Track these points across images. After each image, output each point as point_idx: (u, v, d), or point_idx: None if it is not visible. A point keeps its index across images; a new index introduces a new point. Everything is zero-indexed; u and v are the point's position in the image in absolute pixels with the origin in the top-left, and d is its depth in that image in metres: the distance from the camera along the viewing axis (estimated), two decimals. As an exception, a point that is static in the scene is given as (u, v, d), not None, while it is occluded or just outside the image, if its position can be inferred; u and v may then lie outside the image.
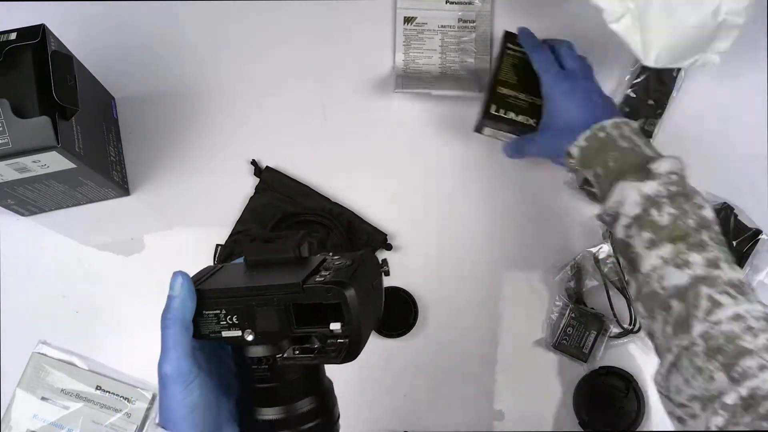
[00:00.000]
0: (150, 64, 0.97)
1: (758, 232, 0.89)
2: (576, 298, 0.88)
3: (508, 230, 0.93)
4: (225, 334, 0.51)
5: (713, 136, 0.95)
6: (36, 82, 0.73)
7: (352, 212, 0.91)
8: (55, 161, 0.76)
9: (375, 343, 0.87)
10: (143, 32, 0.98)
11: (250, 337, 0.50)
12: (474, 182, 0.94)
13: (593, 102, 0.78)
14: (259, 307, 0.49)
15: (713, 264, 0.61)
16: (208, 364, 0.53)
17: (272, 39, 0.98)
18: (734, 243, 0.88)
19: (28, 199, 0.85)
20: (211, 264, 0.87)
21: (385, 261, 0.56)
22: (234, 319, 0.50)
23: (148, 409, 0.87)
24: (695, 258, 0.61)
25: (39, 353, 0.88)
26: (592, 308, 0.88)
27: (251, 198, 0.92)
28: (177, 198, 0.94)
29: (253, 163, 0.93)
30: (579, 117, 0.76)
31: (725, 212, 0.89)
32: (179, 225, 0.93)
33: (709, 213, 0.65)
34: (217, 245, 0.91)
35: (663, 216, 0.64)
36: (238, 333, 0.50)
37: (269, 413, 0.51)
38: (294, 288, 0.48)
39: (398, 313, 0.89)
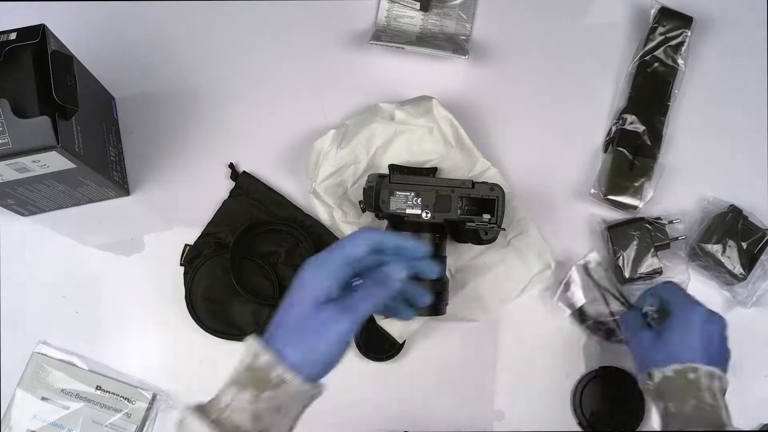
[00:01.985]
0: (150, 64, 0.97)
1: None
2: (579, 313, 0.89)
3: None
4: (409, 211, 0.80)
5: (717, 136, 0.95)
6: (36, 82, 0.73)
7: (324, 226, 0.90)
8: (55, 161, 0.76)
9: (365, 367, 0.88)
10: (144, 32, 0.98)
11: (427, 216, 0.80)
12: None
13: (714, 346, 0.73)
14: (438, 195, 0.80)
15: None
16: None
17: (272, 36, 0.98)
18: (744, 245, 0.87)
19: (28, 199, 0.85)
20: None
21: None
22: (418, 201, 0.80)
23: (148, 409, 0.87)
24: None
25: (39, 353, 0.88)
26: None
27: (225, 201, 0.92)
28: (177, 198, 0.94)
29: (231, 166, 0.93)
30: (694, 348, 0.71)
31: (733, 215, 0.88)
32: (180, 225, 0.93)
33: None
34: (186, 245, 0.91)
35: None
36: (419, 211, 0.80)
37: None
38: (467, 183, 0.81)
39: (386, 337, 0.87)
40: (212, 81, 0.97)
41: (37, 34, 0.74)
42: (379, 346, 0.87)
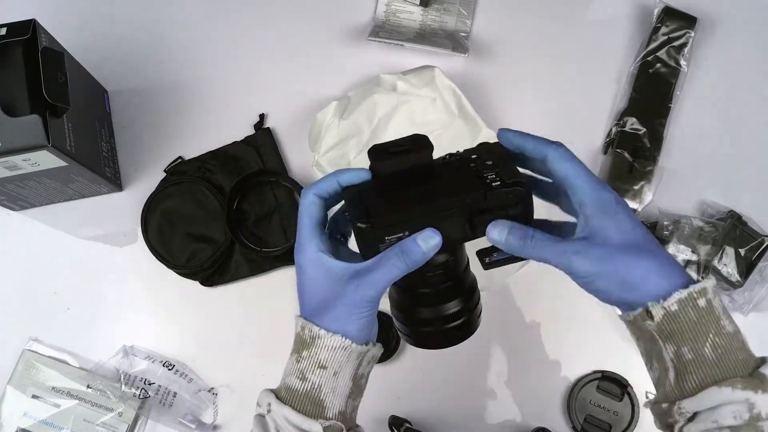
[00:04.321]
0: (144, 56, 0.95)
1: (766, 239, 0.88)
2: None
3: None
4: None
5: (718, 139, 0.94)
6: (26, 80, 0.72)
7: None
8: (45, 159, 0.74)
9: None
10: (138, 23, 0.97)
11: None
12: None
13: (657, 244, 0.54)
14: (442, 221, 0.53)
15: None
16: None
17: (268, 30, 0.97)
18: (742, 252, 0.87)
19: (19, 195, 0.84)
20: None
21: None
22: None
23: (140, 408, 0.86)
24: None
25: (29, 350, 0.87)
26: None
27: (235, 143, 0.93)
28: (170, 194, 0.92)
29: (261, 116, 0.94)
30: (660, 258, 0.52)
31: (731, 220, 0.87)
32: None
33: None
34: (179, 157, 0.92)
35: None
36: None
37: (451, 306, 0.58)
38: (477, 198, 0.52)
39: (380, 338, 0.86)
40: (207, 74, 0.95)
41: (28, 29, 0.72)
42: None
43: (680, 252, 0.88)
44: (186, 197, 0.90)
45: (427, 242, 0.52)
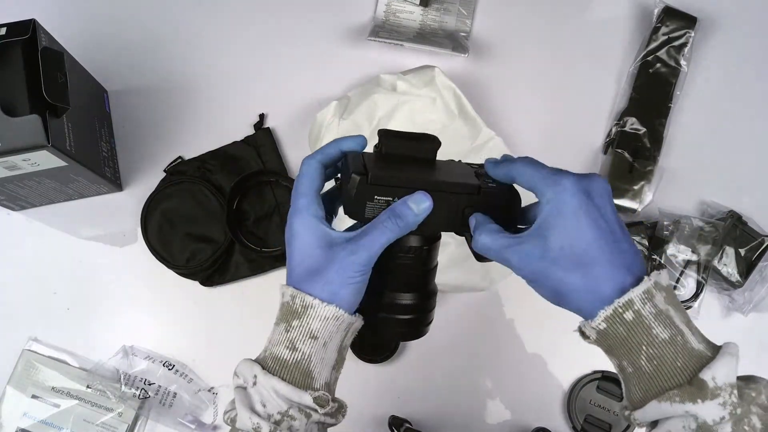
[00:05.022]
0: (144, 55, 0.95)
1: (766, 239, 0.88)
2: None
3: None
4: None
5: (718, 139, 0.94)
6: (26, 79, 0.72)
7: None
8: (45, 159, 0.74)
9: (359, 369, 0.87)
10: (136, 23, 0.96)
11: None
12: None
13: (613, 237, 0.50)
14: (435, 200, 0.54)
15: None
16: None
17: (268, 30, 0.96)
18: (742, 252, 0.87)
19: (19, 194, 0.84)
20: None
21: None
22: None
23: (140, 408, 0.86)
24: None
25: (29, 350, 0.87)
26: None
27: (235, 143, 0.93)
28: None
29: (261, 116, 0.94)
30: (600, 265, 0.49)
31: (731, 220, 0.88)
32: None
33: None
34: (179, 157, 0.93)
35: None
36: None
37: (406, 298, 0.57)
38: (471, 189, 0.54)
39: (380, 338, 0.87)
40: (207, 74, 0.95)
41: (28, 29, 0.72)
42: (373, 348, 0.87)
43: (680, 252, 0.88)
44: (186, 197, 0.90)
45: (419, 205, 0.53)
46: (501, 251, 0.52)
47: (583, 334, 0.51)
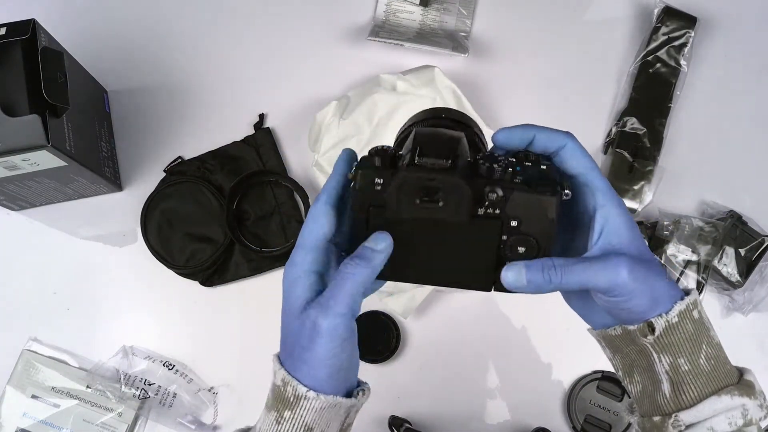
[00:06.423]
0: (144, 55, 0.95)
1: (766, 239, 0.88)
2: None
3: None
4: None
5: (718, 140, 0.94)
6: (26, 79, 0.72)
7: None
8: (45, 159, 0.74)
9: (360, 369, 0.87)
10: (137, 22, 0.96)
11: None
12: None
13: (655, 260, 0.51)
14: None
15: None
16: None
17: (268, 29, 0.97)
18: (742, 252, 0.87)
19: (18, 194, 0.84)
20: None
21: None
22: None
23: (140, 408, 0.86)
24: None
25: (29, 350, 0.87)
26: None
27: (235, 143, 0.93)
28: (170, 194, 0.92)
29: (260, 116, 0.94)
30: (660, 272, 0.49)
31: (731, 220, 0.87)
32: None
33: None
34: (179, 156, 0.92)
35: None
36: None
37: None
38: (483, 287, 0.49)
39: (380, 338, 0.87)
40: (207, 74, 0.95)
41: (27, 29, 0.72)
42: (373, 348, 0.87)
43: (680, 252, 0.88)
44: (186, 197, 0.90)
45: (378, 243, 0.46)
46: (600, 278, 0.47)
47: (649, 326, 0.48)
